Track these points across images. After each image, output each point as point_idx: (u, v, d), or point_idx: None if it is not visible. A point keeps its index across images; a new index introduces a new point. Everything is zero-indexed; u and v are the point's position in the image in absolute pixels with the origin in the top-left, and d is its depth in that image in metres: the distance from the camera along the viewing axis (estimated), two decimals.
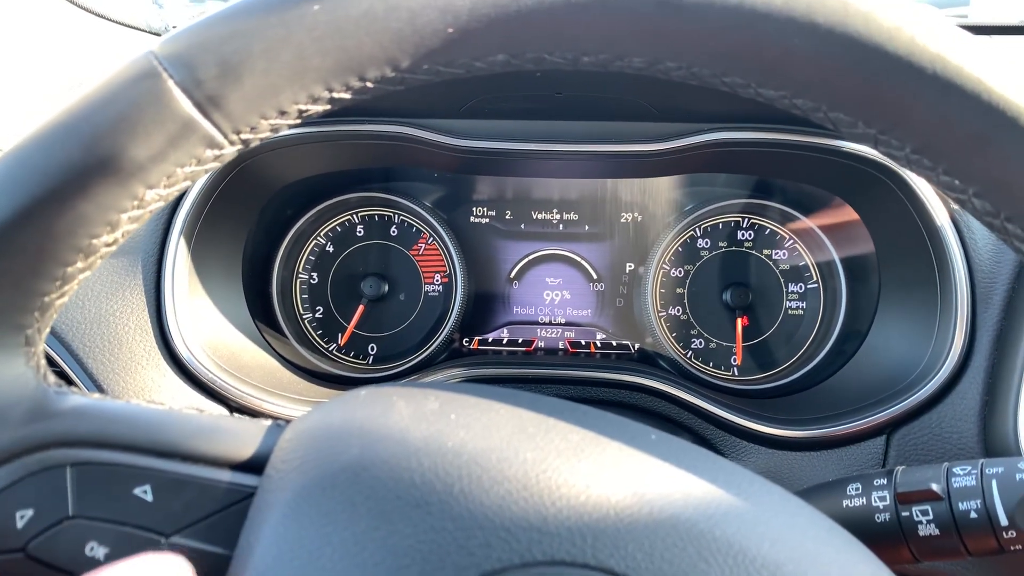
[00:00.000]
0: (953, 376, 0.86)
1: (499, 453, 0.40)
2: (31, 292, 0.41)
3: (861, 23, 0.38)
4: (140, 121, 0.40)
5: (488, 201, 1.19)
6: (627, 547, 0.37)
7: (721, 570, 0.36)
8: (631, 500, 0.38)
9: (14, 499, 0.41)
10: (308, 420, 0.44)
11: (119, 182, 0.40)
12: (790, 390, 1.10)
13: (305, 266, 1.19)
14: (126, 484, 0.41)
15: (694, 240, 1.17)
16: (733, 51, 0.40)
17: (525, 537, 0.37)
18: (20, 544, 0.40)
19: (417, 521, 0.37)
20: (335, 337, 1.19)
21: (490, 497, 0.38)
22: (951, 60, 0.37)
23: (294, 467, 0.40)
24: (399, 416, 0.42)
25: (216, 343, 0.95)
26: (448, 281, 1.18)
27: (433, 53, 0.41)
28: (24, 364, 0.43)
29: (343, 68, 0.41)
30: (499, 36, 0.41)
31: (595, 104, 0.98)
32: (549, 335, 1.19)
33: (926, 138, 0.39)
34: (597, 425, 0.44)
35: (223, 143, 0.42)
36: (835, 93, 0.40)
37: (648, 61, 0.41)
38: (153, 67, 0.40)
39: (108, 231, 0.42)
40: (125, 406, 0.44)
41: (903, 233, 0.96)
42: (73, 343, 0.86)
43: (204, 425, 0.44)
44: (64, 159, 0.40)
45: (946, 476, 0.60)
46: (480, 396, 0.45)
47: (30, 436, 0.42)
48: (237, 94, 0.41)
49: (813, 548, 0.39)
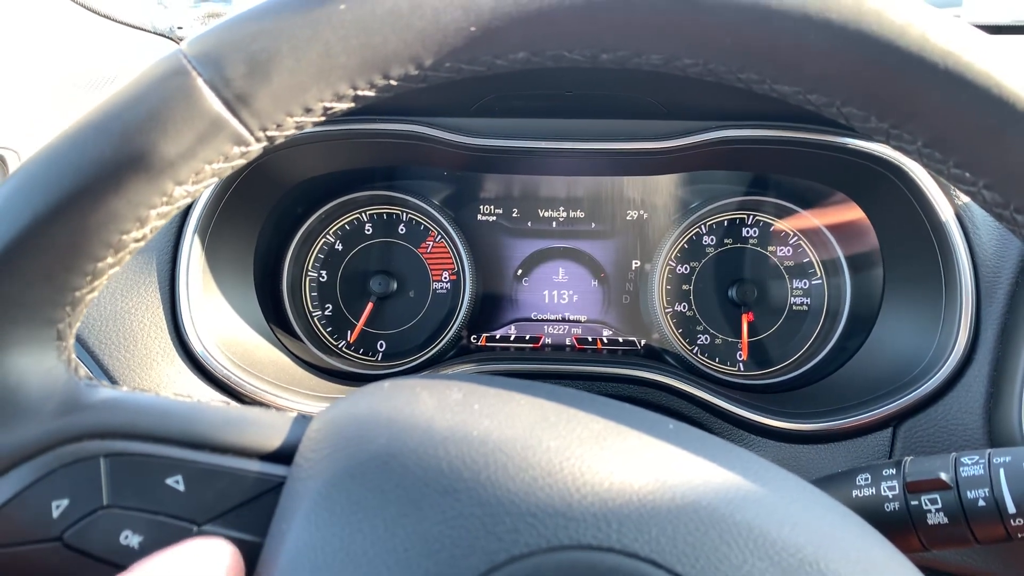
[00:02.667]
0: (958, 369, 0.87)
1: (523, 441, 0.41)
2: (63, 287, 0.42)
3: (874, 20, 0.39)
4: (170, 119, 0.41)
5: (495, 199, 1.20)
6: (651, 531, 0.38)
7: (742, 552, 0.37)
8: (653, 486, 0.39)
9: (50, 489, 0.41)
10: (335, 411, 0.44)
11: (149, 179, 0.41)
12: (796, 385, 1.11)
13: (314, 264, 1.20)
14: (158, 474, 0.42)
15: (699, 237, 1.18)
16: (749, 48, 0.41)
17: (551, 522, 0.38)
18: (56, 533, 0.41)
19: (446, 507, 0.38)
20: (344, 334, 1.20)
21: (516, 484, 0.39)
22: (962, 56, 0.38)
23: (324, 456, 0.41)
24: (424, 406, 0.43)
25: (229, 340, 0.96)
26: (456, 278, 1.19)
27: (456, 51, 0.42)
28: (56, 358, 0.44)
29: (368, 66, 0.42)
30: (520, 34, 0.42)
31: (604, 102, 0.99)
32: (556, 332, 1.20)
33: (937, 132, 0.40)
34: (616, 415, 0.45)
35: (250, 140, 0.43)
36: (849, 88, 0.41)
37: (666, 58, 0.42)
38: (182, 65, 0.41)
39: (137, 227, 0.43)
40: (155, 399, 0.45)
41: (907, 229, 0.97)
42: (89, 339, 0.87)
43: (232, 417, 0.45)
44: (96, 156, 0.41)
45: (954, 465, 0.60)
46: (501, 387, 0.47)
47: (63, 428, 0.42)
48: (265, 92, 0.41)
49: (830, 532, 0.40)
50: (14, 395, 0.42)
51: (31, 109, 1.16)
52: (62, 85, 1.22)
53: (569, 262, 1.21)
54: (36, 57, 1.32)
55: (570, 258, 1.21)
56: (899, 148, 0.42)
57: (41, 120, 1.12)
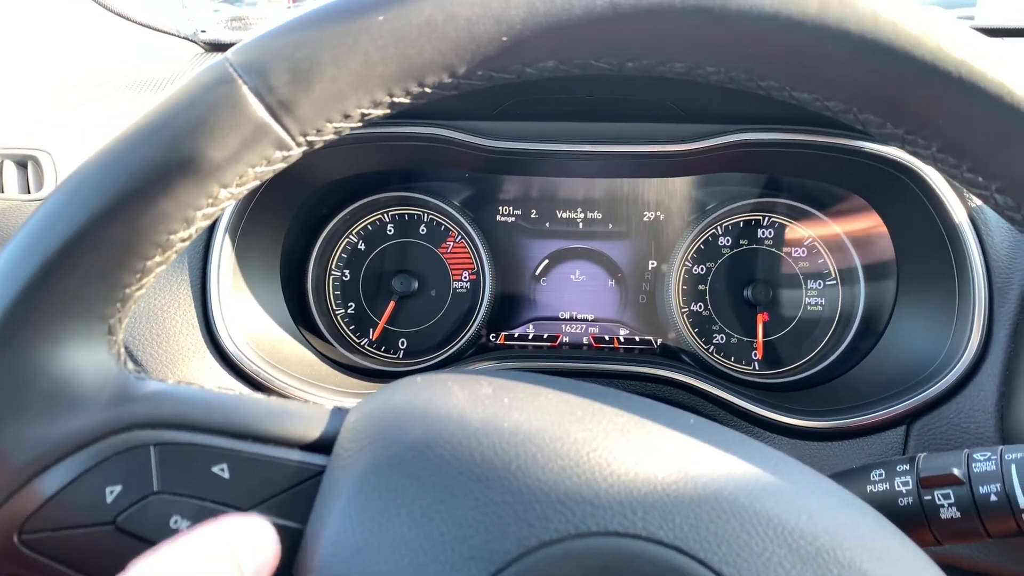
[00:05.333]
0: (971, 368, 0.88)
1: (551, 433, 0.43)
2: (115, 284, 0.44)
3: (890, 30, 0.40)
4: (217, 124, 0.43)
5: (514, 200, 1.21)
6: (675, 519, 0.39)
7: (762, 540, 0.39)
8: (677, 476, 0.41)
9: (104, 476, 0.43)
10: (371, 404, 0.46)
11: (197, 181, 0.43)
12: (810, 383, 1.12)
13: (338, 263, 1.22)
14: (205, 462, 0.44)
15: (715, 238, 1.19)
16: (770, 57, 0.42)
17: (580, 510, 0.39)
18: (110, 517, 0.43)
19: (479, 495, 0.40)
20: (367, 332, 1.22)
21: (545, 473, 0.41)
22: (975, 65, 0.40)
23: (362, 446, 0.43)
24: (456, 399, 0.45)
25: (258, 336, 0.98)
26: (476, 278, 1.21)
27: (488, 60, 0.44)
28: (107, 352, 0.46)
29: (404, 74, 0.44)
30: (550, 44, 0.44)
31: (623, 106, 1.00)
32: (573, 330, 1.22)
33: (951, 138, 0.42)
34: (639, 409, 0.47)
35: (291, 145, 0.45)
36: (865, 96, 0.42)
37: (689, 67, 0.44)
38: (228, 74, 0.43)
39: (184, 227, 0.44)
40: (201, 391, 0.47)
41: (921, 231, 0.98)
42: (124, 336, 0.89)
43: (273, 409, 0.47)
44: (148, 160, 0.43)
45: (967, 461, 0.61)
46: (528, 382, 0.48)
47: (116, 418, 0.44)
48: (306, 99, 0.43)
49: (846, 521, 0.42)
50: (69, 386, 0.44)
51: (61, 112, 1.18)
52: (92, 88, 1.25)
53: (587, 262, 1.22)
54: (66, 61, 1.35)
55: (588, 258, 1.22)
56: (914, 153, 0.44)
57: (71, 122, 1.14)
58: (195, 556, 0.39)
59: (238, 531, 0.41)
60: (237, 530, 0.41)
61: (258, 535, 0.41)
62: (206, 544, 0.40)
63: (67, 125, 1.13)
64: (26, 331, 0.43)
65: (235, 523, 0.41)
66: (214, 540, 0.40)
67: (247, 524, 0.42)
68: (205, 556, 0.39)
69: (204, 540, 0.40)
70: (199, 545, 0.40)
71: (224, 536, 0.40)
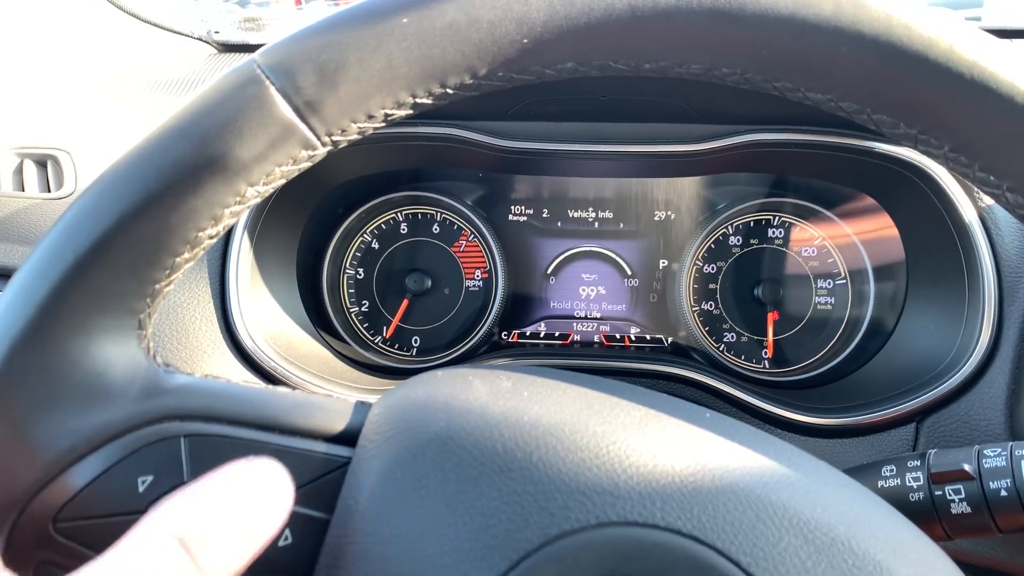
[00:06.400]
0: (981, 366, 0.88)
1: (571, 426, 0.44)
2: (145, 280, 0.45)
3: (903, 32, 0.41)
4: (245, 124, 0.44)
5: (526, 200, 1.22)
6: (692, 510, 0.40)
7: (778, 531, 0.40)
8: (694, 469, 0.42)
9: (136, 466, 0.44)
10: (394, 397, 0.47)
11: (225, 180, 0.44)
12: (821, 381, 1.12)
13: (352, 262, 1.23)
14: (233, 454, 0.45)
15: (726, 238, 1.20)
16: (785, 59, 0.43)
17: (600, 500, 0.40)
18: (142, 506, 0.44)
19: (501, 485, 0.41)
20: (380, 330, 1.23)
21: (566, 464, 0.42)
22: (987, 66, 0.40)
23: (387, 438, 0.44)
24: (477, 393, 0.46)
25: (275, 333, 0.99)
26: (488, 277, 1.22)
27: (509, 62, 0.45)
28: (137, 346, 0.47)
29: (427, 75, 0.45)
30: (570, 46, 0.45)
31: (636, 106, 1.01)
32: (585, 329, 1.23)
33: (963, 138, 0.42)
34: (656, 403, 0.48)
35: (317, 145, 0.46)
36: (879, 97, 0.43)
37: (705, 68, 0.45)
38: (256, 75, 0.44)
39: (212, 224, 0.46)
40: (228, 384, 0.48)
41: (931, 230, 0.98)
42: None
43: (298, 402, 0.48)
44: (178, 159, 0.44)
45: (977, 457, 0.62)
46: (547, 377, 0.49)
47: (147, 410, 0.45)
48: (332, 99, 0.44)
49: (860, 513, 0.42)
50: (102, 380, 0.45)
51: (79, 111, 1.20)
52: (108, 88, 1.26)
53: (598, 261, 1.23)
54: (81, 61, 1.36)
55: (599, 258, 1.23)
56: (926, 152, 0.44)
57: (89, 121, 1.16)
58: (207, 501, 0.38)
59: (249, 471, 0.40)
60: (247, 470, 0.40)
61: (269, 473, 0.40)
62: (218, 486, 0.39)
63: (85, 124, 1.14)
64: (60, 326, 0.44)
65: (251, 464, 0.40)
66: (228, 480, 0.39)
67: (260, 465, 0.40)
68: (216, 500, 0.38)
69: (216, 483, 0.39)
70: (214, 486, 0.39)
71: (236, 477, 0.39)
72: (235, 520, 0.38)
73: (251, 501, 0.39)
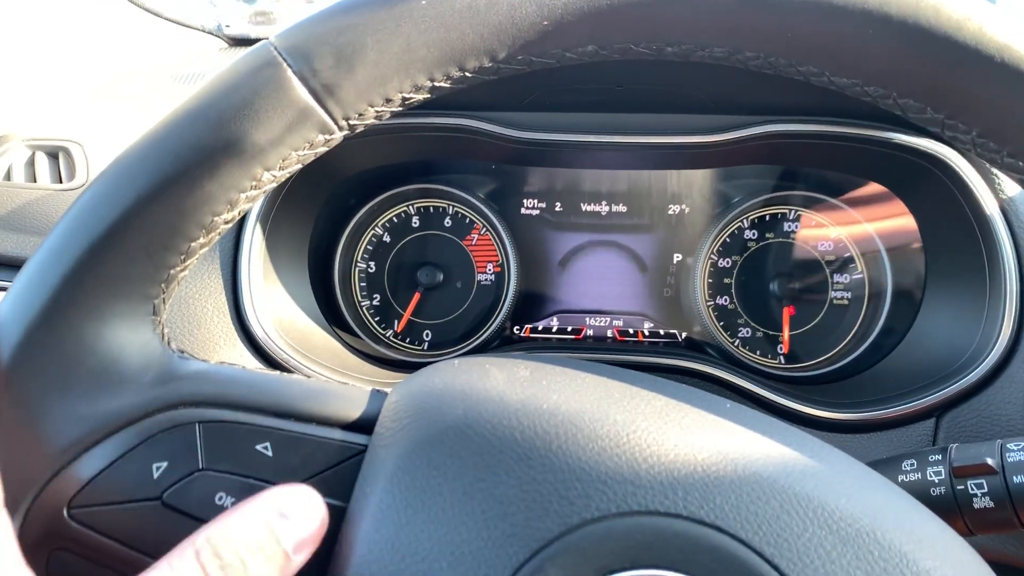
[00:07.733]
0: (1002, 360, 0.87)
1: (591, 414, 0.43)
2: (160, 265, 0.45)
3: (932, 15, 0.40)
4: (262, 108, 0.43)
5: (539, 193, 1.21)
6: (715, 499, 0.40)
7: (802, 521, 0.39)
8: (716, 458, 0.41)
9: (151, 452, 0.44)
10: (411, 385, 0.47)
11: (241, 163, 0.44)
12: (838, 376, 1.12)
13: (363, 255, 1.23)
14: (248, 440, 0.45)
15: (741, 231, 1.19)
16: (810, 42, 0.43)
17: (621, 489, 0.40)
18: (157, 493, 0.44)
19: (520, 473, 0.41)
20: (392, 323, 1.22)
21: (586, 453, 0.41)
22: (1018, 49, 0.40)
23: (403, 426, 0.44)
24: (495, 381, 0.46)
25: (287, 325, 0.99)
26: (500, 270, 1.21)
27: (529, 44, 0.44)
28: (151, 332, 0.47)
29: (446, 59, 0.44)
30: (590, 28, 0.44)
31: (652, 96, 1.00)
32: (597, 323, 1.22)
33: (992, 123, 0.42)
34: (676, 393, 0.47)
35: (334, 129, 0.45)
36: (906, 81, 0.42)
37: (728, 51, 0.44)
38: (273, 57, 0.44)
39: (228, 209, 0.45)
40: (242, 371, 0.48)
41: (951, 222, 0.97)
42: None
43: (314, 389, 0.47)
44: (194, 142, 0.43)
45: (1000, 451, 0.61)
46: (565, 366, 0.49)
47: (161, 396, 0.45)
48: (349, 83, 0.44)
49: (885, 505, 0.42)
50: (116, 365, 0.45)
51: (90, 103, 1.20)
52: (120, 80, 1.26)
53: (611, 255, 1.22)
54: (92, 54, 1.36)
55: (612, 251, 1.22)
56: (953, 138, 0.44)
57: (101, 114, 1.16)
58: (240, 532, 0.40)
59: (284, 502, 0.41)
60: (283, 501, 0.41)
61: (304, 505, 0.42)
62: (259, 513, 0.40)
63: (96, 117, 1.14)
64: (74, 311, 0.44)
65: (287, 492, 0.42)
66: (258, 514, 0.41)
67: (294, 494, 0.42)
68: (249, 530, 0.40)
69: (257, 509, 0.40)
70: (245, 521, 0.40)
71: (269, 508, 0.41)
72: (271, 550, 0.39)
73: (287, 532, 0.40)
